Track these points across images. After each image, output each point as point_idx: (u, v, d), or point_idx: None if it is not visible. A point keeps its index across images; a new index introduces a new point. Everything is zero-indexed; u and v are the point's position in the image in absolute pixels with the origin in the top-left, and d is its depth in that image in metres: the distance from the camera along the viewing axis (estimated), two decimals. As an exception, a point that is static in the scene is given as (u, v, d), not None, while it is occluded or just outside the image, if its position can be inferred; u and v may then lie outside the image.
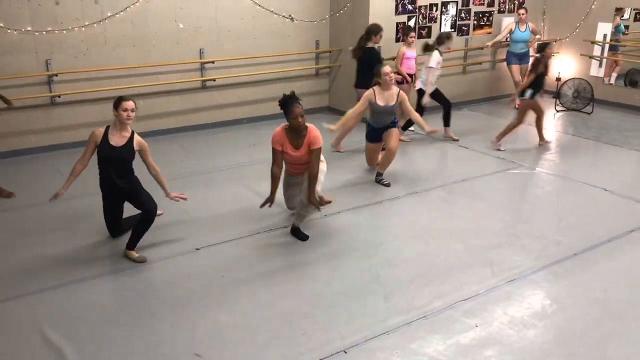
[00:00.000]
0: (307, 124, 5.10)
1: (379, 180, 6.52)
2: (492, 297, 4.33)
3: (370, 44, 7.67)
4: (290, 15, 8.99)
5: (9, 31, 7.00)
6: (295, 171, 5.38)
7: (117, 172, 4.82)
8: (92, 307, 4.19)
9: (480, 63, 10.38)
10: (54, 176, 6.45)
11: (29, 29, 7.13)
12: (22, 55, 7.15)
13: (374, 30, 7.67)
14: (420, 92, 8.03)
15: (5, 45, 7.02)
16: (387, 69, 6.39)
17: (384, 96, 6.43)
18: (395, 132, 6.59)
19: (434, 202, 6.11)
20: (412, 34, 8.30)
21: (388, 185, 6.45)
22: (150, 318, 4.06)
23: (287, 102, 4.99)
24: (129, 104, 4.75)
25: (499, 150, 7.64)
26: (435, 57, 7.89)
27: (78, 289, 4.41)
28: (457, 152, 7.70)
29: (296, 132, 5.05)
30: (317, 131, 5.11)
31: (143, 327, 3.94)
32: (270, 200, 5.16)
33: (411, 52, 8.25)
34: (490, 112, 9.91)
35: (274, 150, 5.14)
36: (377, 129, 6.60)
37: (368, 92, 6.47)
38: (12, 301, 4.23)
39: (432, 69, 7.85)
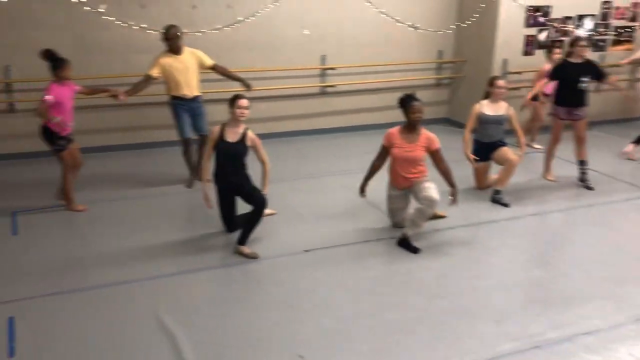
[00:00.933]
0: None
1: (498, 199, 6.21)
2: (616, 334, 3.97)
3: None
4: (414, 25, 8.90)
5: (148, 32, 7.53)
6: (403, 175, 5.28)
7: (231, 166, 5.04)
8: (204, 296, 4.38)
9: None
10: (179, 167, 6.85)
11: (167, 30, 7.62)
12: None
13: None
14: None
15: (146, 44, 7.55)
16: (502, 82, 6.26)
17: (492, 107, 6.30)
18: (507, 148, 6.30)
19: (554, 226, 5.76)
20: (557, 50, 7.79)
21: (507, 205, 6.13)
22: (257, 313, 4.15)
23: (408, 99, 5.24)
24: (243, 102, 5.02)
25: (630, 159, 7.06)
26: None
27: (193, 278, 4.63)
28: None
29: (412, 129, 5.23)
30: (432, 134, 5.31)
31: (250, 322, 4.05)
32: (361, 188, 5.42)
33: None
34: (624, 134, 9.16)
35: (382, 146, 5.35)
36: (485, 144, 6.34)
37: (475, 106, 6.37)
38: (132, 283, 4.52)
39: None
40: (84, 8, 7.19)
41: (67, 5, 7.12)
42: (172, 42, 6.26)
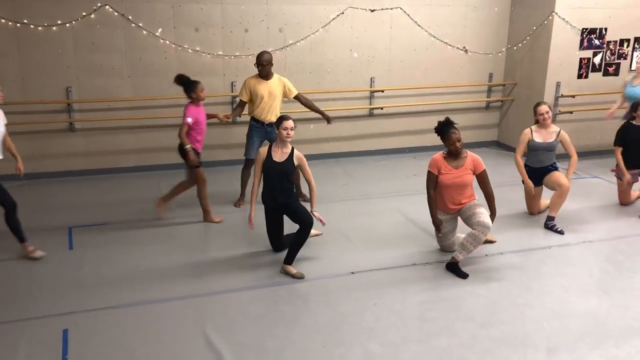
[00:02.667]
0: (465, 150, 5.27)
1: (551, 226, 6.03)
2: (679, 371, 3.78)
3: None
4: (464, 47, 8.85)
5: (203, 54, 7.75)
6: (452, 200, 5.21)
7: (279, 186, 5.10)
8: (251, 315, 4.40)
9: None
10: (227, 186, 6.96)
11: (220, 53, 7.83)
12: (212, 77, 7.87)
13: None
14: None
15: (199, 67, 7.78)
16: (544, 107, 6.17)
17: (542, 134, 6.17)
18: (558, 173, 6.14)
19: (610, 255, 5.54)
20: None
21: (561, 232, 5.95)
22: (304, 335, 4.15)
23: (444, 129, 5.20)
24: (289, 123, 5.11)
25: None
26: None
27: (240, 296, 4.67)
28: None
29: (455, 156, 5.20)
30: (476, 155, 5.27)
31: (296, 343, 4.04)
32: (436, 225, 5.29)
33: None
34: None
35: (429, 174, 5.28)
36: (536, 169, 6.20)
37: (524, 131, 6.29)
38: (181, 300, 4.60)
39: None
40: (143, 32, 7.48)
41: (126, 29, 7.43)
42: (263, 67, 6.32)
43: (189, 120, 5.78)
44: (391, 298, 4.66)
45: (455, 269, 5.04)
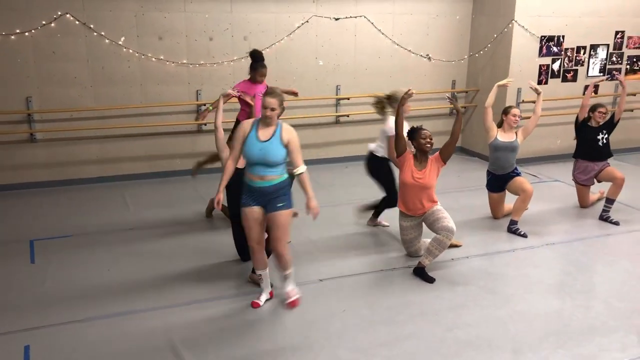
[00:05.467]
0: None
1: (514, 230, 6.16)
2: (638, 367, 3.89)
3: None
4: (427, 55, 8.99)
5: (167, 63, 7.69)
6: (412, 200, 5.28)
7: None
8: (219, 326, 4.36)
9: (632, 110, 9.62)
10: (193, 197, 6.90)
11: (184, 61, 7.78)
12: (176, 85, 7.81)
13: None
14: None
15: (163, 75, 7.71)
16: (517, 110, 6.41)
17: (504, 136, 6.37)
18: (522, 178, 6.30)
19: (572, 256, 5.68)
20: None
21: (525, 235, 6.08)
22: (271, 343, 4.13)
23: (414, 130, 5.37)
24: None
25: None
26: None
27: (207, 307, 4.62)
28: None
29: (423, 157, 5.32)
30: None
31: (264, 352, 4.02)
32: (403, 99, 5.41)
33: None
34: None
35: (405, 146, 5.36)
36: (498, 176, 6.35)
37: (495, 128, 6.47)
38: (147, 312, 4.53)
39: None
40: (105, 41, 7.38)
41: (88, 38, 7.32)
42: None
43: (235, 91, 5.65)
44: (359, 304, 4.68)
45: (422, 273, 5.10)
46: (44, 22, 7.11)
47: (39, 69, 7.24)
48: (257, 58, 6.09)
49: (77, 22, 7.22)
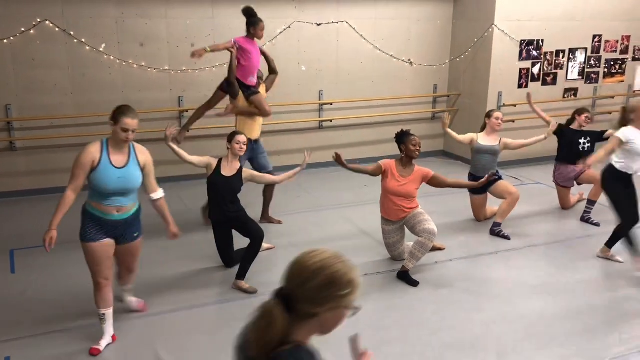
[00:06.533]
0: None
1: (497, 232, 6.21)
2: (620, 367, 3.94)
3: None
4: (409, 60, 9.06)
5: (149, 70, 7.65)
6: (396, 207, 5.30)
7: (226, 200, 5.09)
8: (203, 333, 4.34)
9: (610, 113, 9.77)
10: (175, 203, 6.86)
11: (166, 68, 7.75)
12: (158, 92, 7.77)
13: None
14: None
15: (145, 82, 7.67)
16: (500, 114, 6.46)
17: (486, 139, 6.44)
18: (506, 182, 6.36)
19: (553, 258, 5.74)
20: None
21: (508, 237, 6.13)
22: (257, 350, 4.11)
23: (404, 134, 5.37)
24: (242, 138, 5.17)
25: None
26: None
27: (191, 315, 4.59)
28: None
29: (407, 163, 5.32)
30: (422, 167, 5.42)
31: (249, 359, 4.00)
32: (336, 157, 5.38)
33: None
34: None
35: (378, 165, 5.39)
36: (479, 178, 6.39)
37: (471, 133, 6.56)
38: (130, 321, 4.50)
39: None
40: (86, 48, 7.33)
41: (68, 45, 7.26)
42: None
43: (232, 41, 5.94)
44: (344, 309, 4.68)
45: (405, 277, 5.12)
46: (23, 29, 7.04)
47: (18, 77, 7.16)
48: (253, 13, 6.11)
49: (57, 29, 7.16)
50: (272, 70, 6.60)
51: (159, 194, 4.12)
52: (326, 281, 1.66)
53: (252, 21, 6.07)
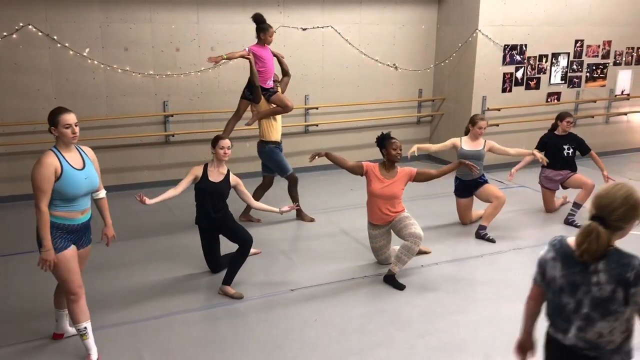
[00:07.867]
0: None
1: (483, 235, 6.24)
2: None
3: None
4: (394, 64, 9.10)
5: (133, 74, 7.61)
6: (383, 211, 5.31)
7: (214, 206, 5.05)
8: (190, 339, 4.30)
9: (592, 116, 9.90)
10: (162, 210, 6.81)
11: (150, 72, 7.71)
12: (143, 96, 7.73)
13: None
14: None
15: (129, 86, 7.63)
16: (485, 123, 6.47)
17: (470, 144, 6.46)
18: (491, 185, 6.41)
19: (539, 260, 5.78)
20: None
21: (493, 241, 6.17)
22: (245, 355, 4.09)
23: (386, 137, 5.36)
24: (226, 143, 5.12)
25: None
26: None
27: (177, 320, 4.55)
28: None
29: (390, 166, 5.33)
30: (405, 167, 5.44)
31: (236, 365, 3.98)
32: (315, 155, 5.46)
33: None
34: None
35: (360, 165, 5.39)
36: (465, 182, 6.45)
37: (453, 139, 6.58)
38: (116, 327, 4.45)
39: None
40: (69, 52, 7.27)
41: (51, 49, 7.19)
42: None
43: (247, 50, 6.22)
44: (331, 312, 4.68)
45: (392, 280, 5.13)
46: (5, 34, 6.96)
47: (0, 81, 7.08)
48: (262, 19, 6.28)
49: (40, 33, 7.09)
50: (285, 73, 6.77)
51: (104, 192, 4.08)
52: (633, 205, 2.37)
53: (262, 27, 6.26)
